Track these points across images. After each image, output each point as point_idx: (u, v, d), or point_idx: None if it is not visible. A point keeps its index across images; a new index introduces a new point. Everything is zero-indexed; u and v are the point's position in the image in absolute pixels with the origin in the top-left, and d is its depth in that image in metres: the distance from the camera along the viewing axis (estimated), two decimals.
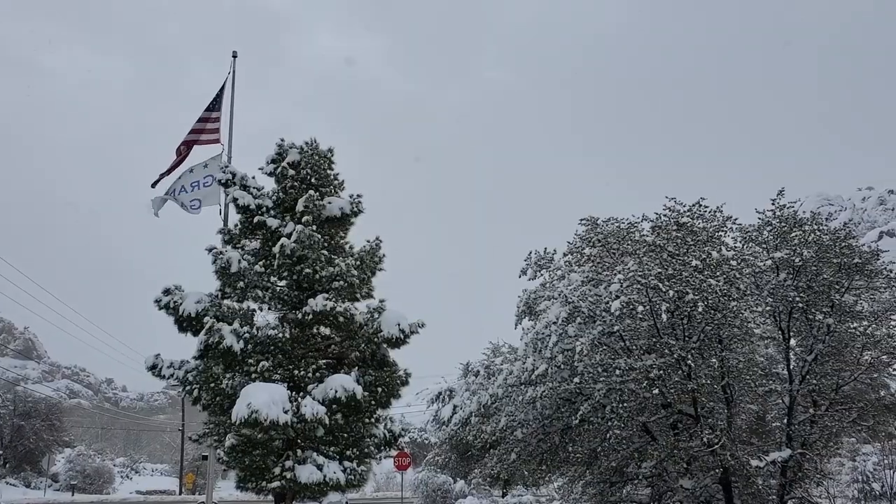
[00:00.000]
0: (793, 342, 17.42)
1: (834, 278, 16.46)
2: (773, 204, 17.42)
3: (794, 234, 16.76)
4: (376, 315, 14.78)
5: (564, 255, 18.71)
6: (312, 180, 15.13)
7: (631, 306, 14.81)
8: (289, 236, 14.25)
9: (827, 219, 18.18)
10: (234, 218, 15.60)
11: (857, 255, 16.65)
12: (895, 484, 23.58)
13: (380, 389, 14.64)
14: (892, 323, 17.31)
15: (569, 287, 16.37)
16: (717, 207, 17.09)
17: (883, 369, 17.77)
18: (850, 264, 16.47)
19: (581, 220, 18.39)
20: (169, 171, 17.88)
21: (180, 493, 55.53)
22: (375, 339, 14.63)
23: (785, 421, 17.21)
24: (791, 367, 17.11)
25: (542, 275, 19.65)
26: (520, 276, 20.14)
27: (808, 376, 16.79)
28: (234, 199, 15.00)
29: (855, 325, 16.86)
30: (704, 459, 15.58)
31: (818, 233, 16.81)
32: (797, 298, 16.28)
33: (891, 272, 17.85)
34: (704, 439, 15.05)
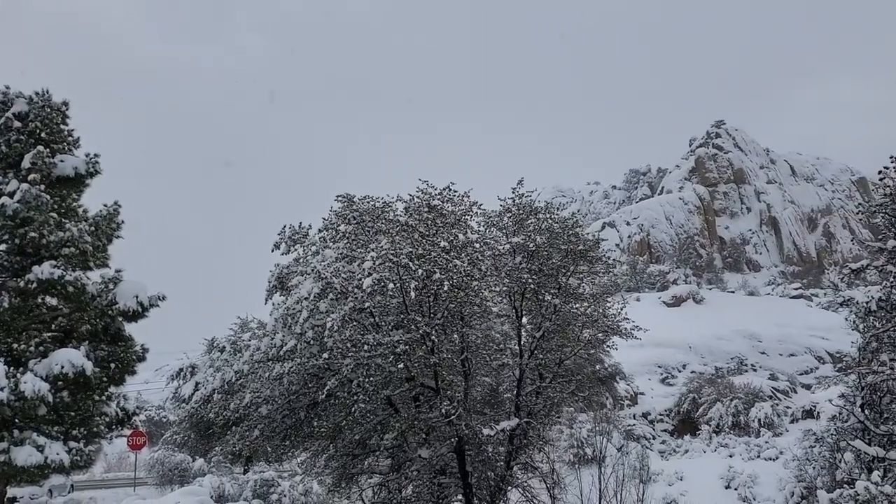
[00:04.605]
0: (525, 320, 18.90)
1: (562, 263, 18.08)
2: (513, 192, 18.70)
3: (529, 222, 18.15)
4: (111, 286, 13.87)
5: (320, 230, 18.71)
6: (42, 135, 13.75)
7: (382, 283, 15.19)
8: (11, 195, 12.87)
9: (559, 209, 19.90)
10: None
11: (581, 242, 18.41)
12: (604, 448, 26.50)
13: (113, 365, 13.81)
14: (609, 304, 19.43)
15: (322, 263, 16.42)
16: (465, 192, 18.00)
17: (599, 346, 19.94)
18: (576, 251, 18.19)
19: (337, 196, 18.47)
20: None
21: None
22: (110, 312, 13.74)
23: (515, 392, 18.66)
24: (522, 342, 18.57)
25: (296, 250, 19.50)
26: (273, 251, 19.82)
27: (536, 351, 18.33)
28: None
29: (577, 305, 18.71)
30: (442, 430, 16.46)
31: (550, 221, 18.36)
32: (530, 280, 17.67)
33: (609, 259, 20.04)
34: (443, 410, 15.88)
